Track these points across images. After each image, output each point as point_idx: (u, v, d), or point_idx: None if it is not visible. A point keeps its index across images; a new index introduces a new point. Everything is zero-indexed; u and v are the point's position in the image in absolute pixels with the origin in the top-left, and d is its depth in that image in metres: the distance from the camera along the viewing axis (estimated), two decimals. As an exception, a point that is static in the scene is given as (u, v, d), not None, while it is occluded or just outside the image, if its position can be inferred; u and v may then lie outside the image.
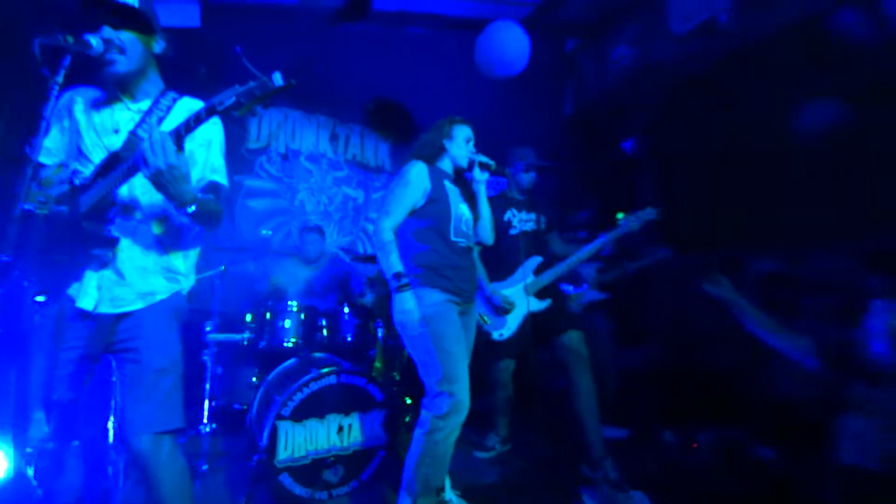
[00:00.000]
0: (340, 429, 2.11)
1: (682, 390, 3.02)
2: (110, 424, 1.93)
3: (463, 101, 3.78)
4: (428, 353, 1.72)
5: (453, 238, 1.88)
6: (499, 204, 2.57)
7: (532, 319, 2.45)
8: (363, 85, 4.04)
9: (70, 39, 1.16)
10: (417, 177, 1.86)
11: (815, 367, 1.68)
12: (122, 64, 1.27)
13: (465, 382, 1.72)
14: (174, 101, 1.40)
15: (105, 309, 1.29)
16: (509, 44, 2.91)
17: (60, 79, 1.13)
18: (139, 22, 1.29)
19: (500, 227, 2.53)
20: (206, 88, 3.51)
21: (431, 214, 1.86)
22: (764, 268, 3.30)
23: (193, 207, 1.22)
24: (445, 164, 2.01)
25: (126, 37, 1.27)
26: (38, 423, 1.20)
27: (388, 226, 1.80)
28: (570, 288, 3.17)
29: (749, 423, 2.64)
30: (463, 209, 1.96)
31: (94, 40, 1.21)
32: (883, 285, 1.36)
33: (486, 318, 2.48)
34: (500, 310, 2.45)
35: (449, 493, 1.92)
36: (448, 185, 1.95)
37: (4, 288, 1.00)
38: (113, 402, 1.34)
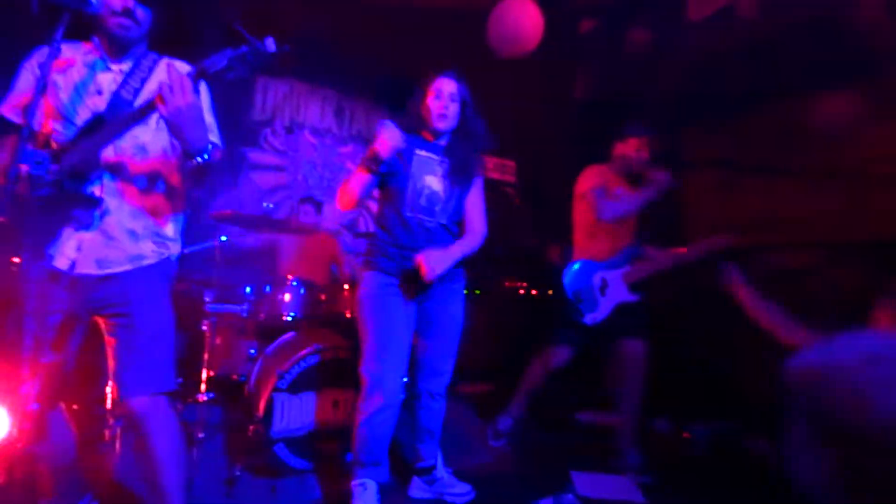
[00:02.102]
0: (336, 403, 2.13)
1: (675, 379, 3.03)
2: (107, 388, 1.96)
3: (470, 79, 3.71)
4: (361, 334, 1.74)
5: (408, 214, 1.75)
6: (599, 173, 2.45)
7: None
8: (370, 59, 3.96)
9: (67, -6, 1.12)
10: (375, 146, 1.67)
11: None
12: (134, 31, 1.31)
13: (384, 366, 1.66)
14: (155, 62, 1.39)
15: (88, 269, 1.28)
16: (522, 21, 2.83)
17: (59, 35, 1.10)
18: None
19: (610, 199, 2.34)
20: (210, 47, 3.43)
21: (387, 186, 1.79)
22: (773, 261, 3.28)
23: (207, 155, 1.22)
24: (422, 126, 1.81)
25: (143, 10, 1.31)
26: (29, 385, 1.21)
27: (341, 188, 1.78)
28: None
29: (743, 414, 2.66)
30: (430, 181, 1.78)
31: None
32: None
33: (581, 295, 2.31)
34: (601, 287, 2.30)
35: (441, 471, 1.94)
36: (418, 153, 1.77)
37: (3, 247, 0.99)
38: (108, 366, 1.34)
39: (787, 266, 3.16)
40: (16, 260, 1.01)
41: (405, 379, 1.79)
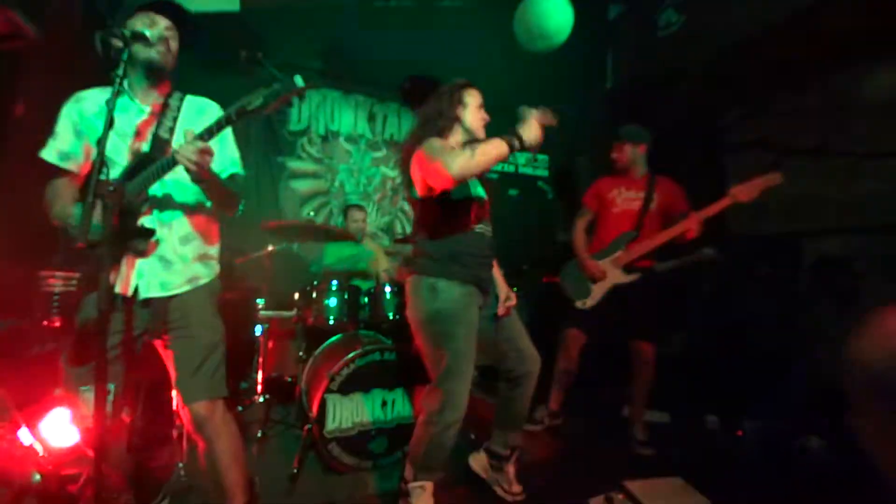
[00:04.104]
0: (384, 403, 2.20)
1: (728, 375, 2.93)
2: (173, 393, 2.11)
3: (499, 75, 3.70)
4: (435, 350, 1.67)
5: (474, 224, 1.75)
6: (603, 181, 2.68)
7: (622, 311, 2.50)
8: (399, 63, 4.01)
9: (128, 33, 1.22)
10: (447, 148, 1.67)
11: None
12: (166, 57, 1.40)
13: (465, 383, 1.66)
14: (181, 100, 1.50)
15: (155, 293, 1.40)
16: (550, 14, 2.79)
17: (121, 71, 1.20)
18: (187, 26, 1.44)
19: (604, 204, 2.64)
20: (246, 72, 3.57)
21: (450, 198, 1.69)
22: (820, 249, 3.12)
23: (241, 208, 1.40)
24: (457, 138, 1.80)
25: (175, 41, 1.42)
26: (114, 398, 1.33)
27: (450, 156, 1.53)
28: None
29: (798, 412, 2.54)
30: (480, 191, 1.80)
31: (148, 32, 1.27)
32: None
33: (572, 286, 2.62)
34: (591, 276, 2.55)
35: (510, 465, 1.96)
36: None
37: (82, 272, 1.10)
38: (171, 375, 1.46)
39: (836, 252, 2.99)
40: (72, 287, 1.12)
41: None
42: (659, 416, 2.91)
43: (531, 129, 1.56)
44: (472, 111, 1.80)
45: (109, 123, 1.19)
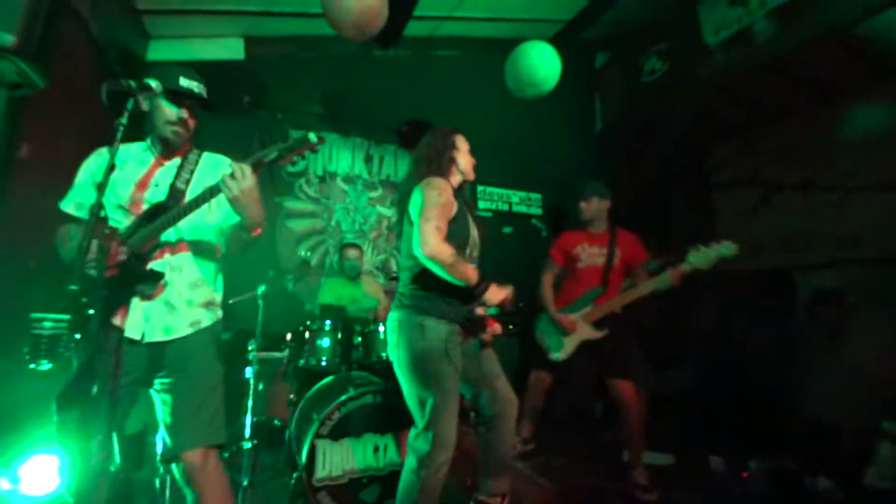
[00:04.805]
0: (376, 448, 2.13)
1: (730, 415, 2.88)
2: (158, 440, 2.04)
3: (492, 119, 3.83)
4: (423, 390, 1.64)
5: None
6: (569, 237, 2.78)
7: (595, 357, 2.59)
8: (396, 107, 4.17)
9: (133, 84, 1.27)
10: (450, 192, 1.72)
11: None
12: (183, 137, 1.51)
13: (452, 421, 1.65)
14: (199, 156, 1.58)
15: (158, 337, 1.41)
16: (538, 64, 2.93)
17: (125, 121, 1.24)
18: (206, 107, 1.54)
19: (569, 259, 2.75)
20: (250, 114, 3.69)
21: (452, 236, 1.68)
22: (813, 283, 3.14)
23: (260, 230, 1.40)
24: (453, 180, 1.86)
25: (194, 121, 1.52)
26: (101, 446, 1.29)
27: (441, 237, 1.59)
28: None
29: (804, 451, 2.48)
30: (473, 231, 1.83)
31: (153, 83, 1.33)
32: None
33: (546, 339, 2.71)
34: (564, 329, 2.62)
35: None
36: (462, 204, 1.82)
37: (73, 314, 1.10)
38: (160, 422, 1.43)
39: (830, 285, 3.02)
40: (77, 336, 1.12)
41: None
42: (662, 459, 2.83)
43: (496, 294, 1.64)
44: (464, 155, 1.90)
45: (110, 168, 1.23)
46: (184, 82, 1.45)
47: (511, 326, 3.36)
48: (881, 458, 2.21)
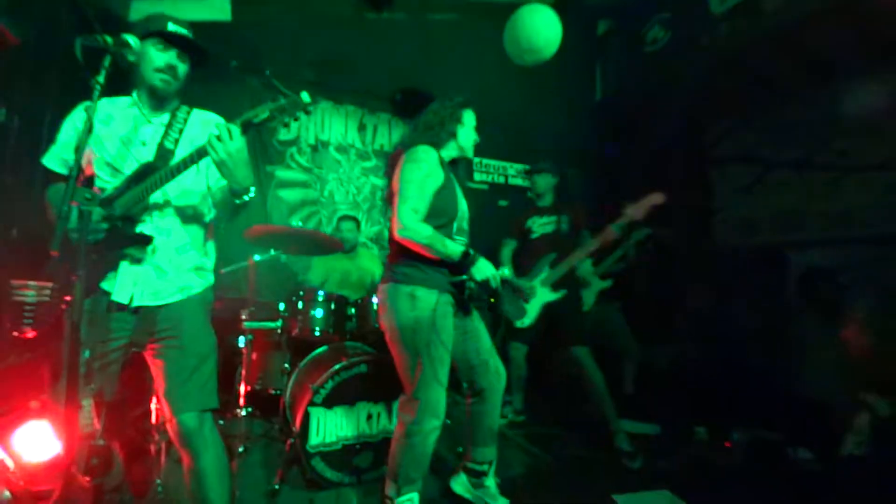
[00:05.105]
0: (369, 416, 2.16)
1: (715, 387, 2.94)
2: (153, 406, 2.05)
3: (489, 88, 3.73)
4: (413, 358, 1.65)
5: (455, 237, 1.75)
6: (524, 215, 3.00)
7: (550, 328, 2.77)
8: (390, 74, 4.03)
9: (109, 40, 1.20)
10: (434, 164, 1.70)
11: None
12: (173, 86, 1.43)
13: (441, 390, 1.66)
14: (188, 113, 1.51)
15: (147, 301, 1.39)
16: (539, 29, 2.83)
17: (102, 79, 1.18)
18: (198, 55, 1.46)
19: (524, 233, 2.97)
20: (238, 80, 3.57)
21: (438, 209, 1.69)
22: (806, 261, 3.16)
23: (252, 192, 1.36)
24: (448, 152, 1.84)
25: (183, 67, 1.43)
26: (85, 412, 1.29)
27: (418, 217, 1.62)
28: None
29: (786, 423, 2.55)
30: (463, 205, 1.82)
31: (131, 39, 1.26)
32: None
33: (510, 310, 2.84)
34: (524, 297, 2.75)
35: (490, 480, 1.94)
36: (453, 176, 1.81)
37: (56, 282, 1.07)
38: (156, 386, 1.43)
39: (823, 263, 3.04)
40: (67, 297, 1.09)
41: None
42: (649, 429, 2.91)
43: (486, 271, 1.65)
44: (468, 131, 1.87)
45: (88, 130, 1.18)
46: (171, 27, 1.38)
47: (493, 300, 3.45)
48: (858, 427, 2.28)
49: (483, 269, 1.66)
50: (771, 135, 3.51)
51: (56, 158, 1.44)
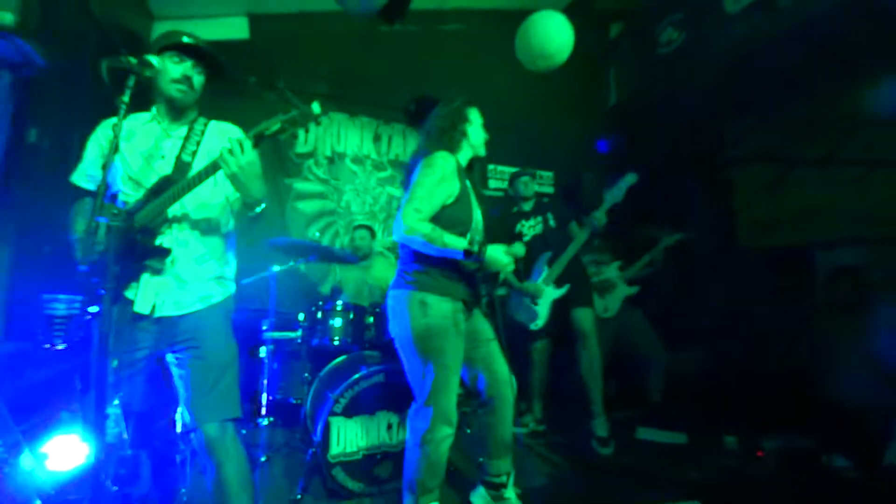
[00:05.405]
0: (390, 426, 2.15)
1: (745, 393, 2.85)
2: (178, 416, 2.09)
3: (502, 95, 3.74)
4: (422, 366, 1.64)
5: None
6: (511, 221, 3.04)
7: (556, 306, 2.81)
8: (404, 85, 4.08)
9: (133, 61, 1.25)
10: (450, 172, 1.67)
11: None
12: (190, 96, 1.47)
13: (453, 396, 1.65)
14: (205, 125, 1.55)
15: (168, 312, 1.41)
16: (550, 35, 2.82)
17: (127, 98, 1.23)
18: (214, 67, 1.49)
19: (516, 238, 2.97)
20: (257, 96, 3.65)
21: (452, 218, 1.67)
22: (833, 260, 3.06)
23: (264, 205, 1.37)
24: (464, 154, 1.82)
25: (199, 78, 1.47)
26: (113, 422, 1.32)
27: (420, 217, 1.58)
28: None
29: (820, 430, 2.44)
30: (477, 213, 1.80)
31: (155, 60, 1.31)
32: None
33: (521, 313, 2.86)
34: (533, 298, 2.79)
35: (510, 492, 1.90)
36: (468, 184, 1.78)
37: (85, 295, 1.11)
38: (179, 396, 1.45)
39: (849, 262, 2.93)
40: (93, 308, 1.12)
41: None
42: (676, 438, 2.82)
43: (499, 258, 1.62)
44: (477, 129, 1.85)
45: (115, 149, 1.21)
46: (187, 39, 1.43)
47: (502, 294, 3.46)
48: None
49: (494, 259, 1.62)
50: (791, 132, 3.43)
51: (82, 175, 1.49)
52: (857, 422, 2.32)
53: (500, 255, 1.63)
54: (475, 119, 1.85)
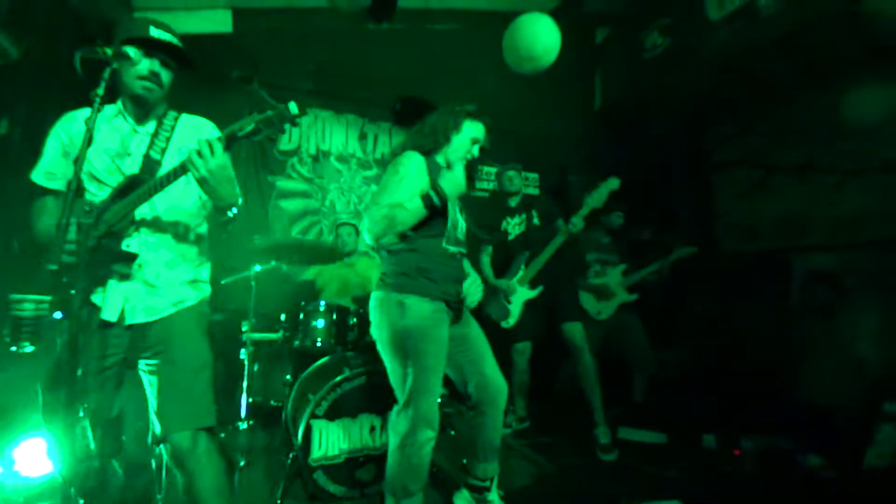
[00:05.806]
0: (372, 428, 2.13)
1: (723, 394, 2.90)
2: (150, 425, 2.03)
3: (489, 96, 3.73)
4: (402, 368, 1.61)
5: (445, 245, 1.71)
6: (497, 218, 3.03)
7: (542, 311, 2.84)
8: (390, 83, 4.05)
9: (109, 52, 1.20)
10: (416, 173, 1.66)
11: None
12: (157, 93, 1.38)
13: (434, 398, 1.62)
14: (176, 119, 1.46)
15: (139, 319, 1.34)
16: (537, 37, 2.83)
17: (102, 91, 1.17)
18: (184, 62, 1.40)
19: (501, 235, 3.02)
20: (239, 90, 3.57)
21: (430, 219, 1.64)
22: (809, 265, 3.14)
23: (236, 210, 1.30)
24: (442, 158, 1.79)
25: (167, 74, 1.38)
26: (81, 432, 1.27)
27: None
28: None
29: (797, 430, 2.50)
30: (458, 215, 1.79)
31: (132, 51, 1.25)
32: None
33: (493, 311, 2.91)
34: (505, 295, 2.85)
35: (493, 494, 1.89)
36: None
37: (56, 295, 1.06)
38: (149, 405, 1.39)
39: (826, 267, 3.01)
40: (58, 315, 1.07)
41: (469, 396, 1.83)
42: (656, 437, 2.86)
43: (453, 179, 1.59)
44: (463, 141, 1.78)
45: (88, 142, 1.16)
46: (154, 32, 1.33)
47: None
48: (881, 439, 2.22)
49: (453, 185, 1.59)
50: (772, 139, 3.50)
51: (41, 173, 1.38)
52: (833, 422, 2.38)
53: (456, 179, 1.60)
54: (467, 131, 1.78)
